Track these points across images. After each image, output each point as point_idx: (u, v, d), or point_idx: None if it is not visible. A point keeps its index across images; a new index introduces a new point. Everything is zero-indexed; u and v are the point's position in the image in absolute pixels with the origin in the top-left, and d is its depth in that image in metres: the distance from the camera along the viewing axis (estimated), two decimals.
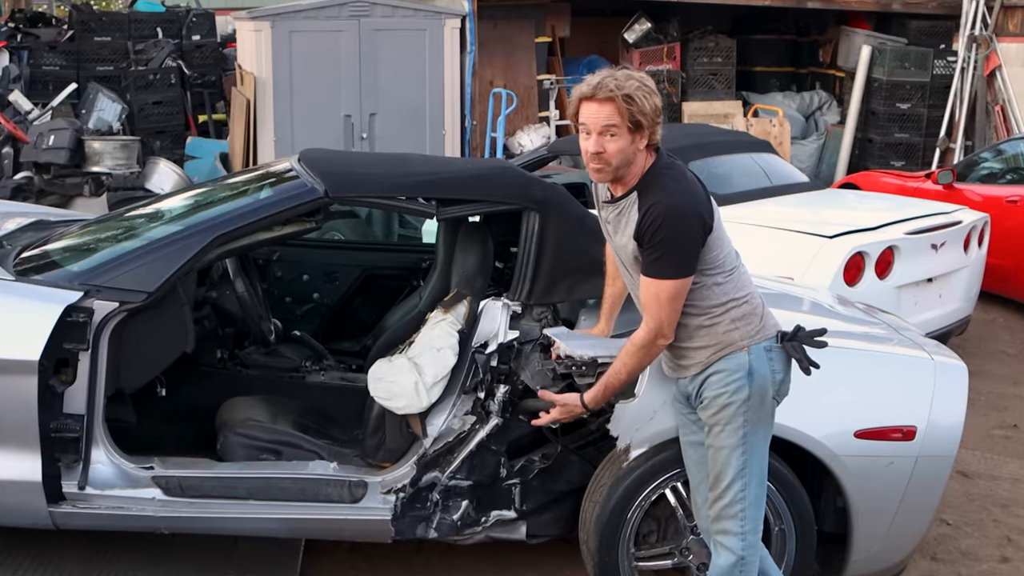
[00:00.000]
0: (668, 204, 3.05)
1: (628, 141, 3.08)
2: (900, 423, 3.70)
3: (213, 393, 4.34)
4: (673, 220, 3.04)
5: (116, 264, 3.74)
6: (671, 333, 3.18)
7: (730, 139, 7.72)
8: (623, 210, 3.18)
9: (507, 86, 11.56)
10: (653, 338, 3.17)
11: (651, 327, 3.16)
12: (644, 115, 3.05)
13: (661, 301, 3.11)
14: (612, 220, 3.24)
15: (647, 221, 3.06)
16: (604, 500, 3.67)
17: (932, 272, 6.46)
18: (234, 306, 4.42)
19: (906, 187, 8.94)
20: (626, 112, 3.04)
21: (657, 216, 3.04)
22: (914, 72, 12.03)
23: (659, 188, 3.09)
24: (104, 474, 3.69)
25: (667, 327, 3.16)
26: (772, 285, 4.58)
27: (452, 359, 3.73)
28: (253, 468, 3.82)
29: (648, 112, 3.06)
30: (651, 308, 3.14)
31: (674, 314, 3.14)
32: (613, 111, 3.05)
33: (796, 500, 3.68)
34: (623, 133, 3.07)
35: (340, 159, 4.43)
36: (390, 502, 3.76)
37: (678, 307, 3.14)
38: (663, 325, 3.15)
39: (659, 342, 3.18)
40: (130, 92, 11.50)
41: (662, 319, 3.13)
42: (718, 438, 3.24)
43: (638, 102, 3.04)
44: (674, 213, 3.04)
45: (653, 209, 3.06)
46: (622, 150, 3.08)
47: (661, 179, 3.12)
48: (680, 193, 3.09)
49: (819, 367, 3.25)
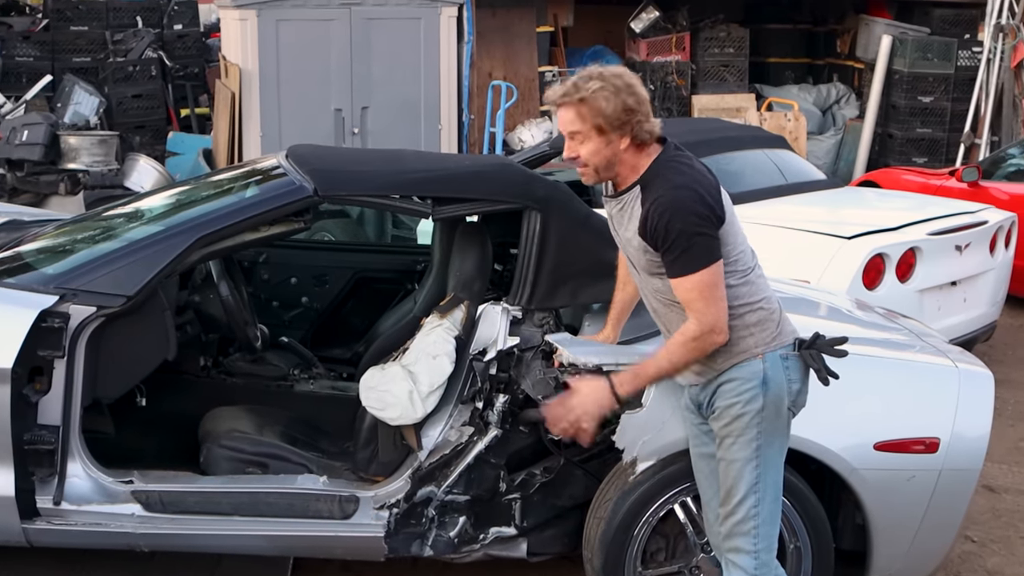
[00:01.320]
0: (670, 198, 3.06)
1: (600, 144, 3.11)
2: (922, 435, 3.71)
3: (196, 403, 4.34)
4: (678, 212, 3.04)
5: (93, 267, 3.75)
6: (725, 327, 3.12)
7: (742, 134, 7.73)
8: (626, 204, 3.19)
9: (507, 78, 11.56)
10: (708, 332, 3.10)
11: (702, 323, 3.10)
12: (605, 117, 3.07)
13: (704, 295, 3.08)
14: (616, 215, 3.26)
15: (652, 221, 3.07)
16: (609, 516, 3.67)
17: (956, 275, 6.46)
18: (218, 311, 4.42)
19: (929, 185, 8.94)
20: (586, 116, 3.08)
21: (662, 213, 3.05)
22: (937, 63, 12.03)
23: (661, 182, 3.10)
24: (81, 488, 3.69)
25: (719, 321, 3.10)
26: (787, 289, 4.58)
27: (449, 367, 3.73)
28: (238, 482, 3.82)
29: (610, 114, 3.07)
30: (696, 306, 3.10)
31: (721, 301, 3.10)
32: (574, 116, 3.11)
33: (812, 516, 3.68)
34: (590, 136, 3.11)
35: (330, 155, 4.43)
36: (383, 518, 3.76)
37: (721, 293, 3.10)
38: (716, 319, 3.10)
39: (714, 338, 3.12)
40: (108, 85, 11.50)
41: (714, 313, 3.09)
42: (730, 450, 3.24)
43: (594, 105, 3.07)
44: (677, 205, 3.05)
45: (656, 206, 3.06)
46: (596, 152, 3.12)
47: (665, 172, 3.12)
48: (682, 184, 3.09)
49: (838, 377, 3.24)
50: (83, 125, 10.55)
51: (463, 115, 11.26)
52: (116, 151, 9.79)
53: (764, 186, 6.91)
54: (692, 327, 3.13)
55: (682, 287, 3.11)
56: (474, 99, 11.37)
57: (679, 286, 3.11)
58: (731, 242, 3.16)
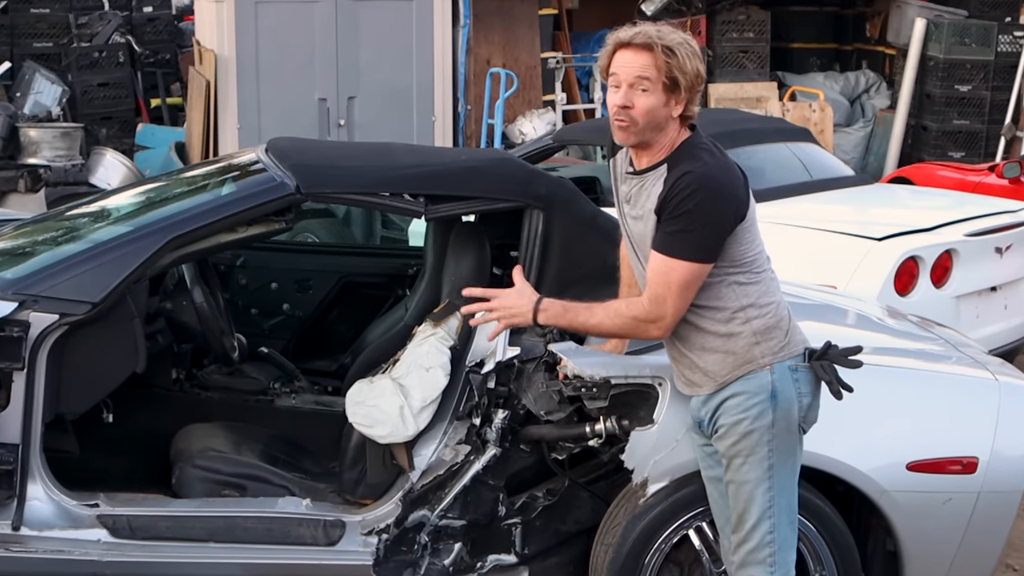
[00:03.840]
0: (703, 175, 3.07)
1: (661, 100, 3.10)
2: (959, 454, 3.71)
3: (167, 419, 4.34)
4: (705, 192, 3.05)
5: (56, 271, 3.75)
6: (669, 326, 3.14)
7: (763, 126, 7.74)
8: (648, 182, 3.19)
9: (506, 65, 11.58)
10: (648, 319, 3.13)
11: (649, 310, 3.13)
12: (684, 74, 3.08)
13: (671, 284, 3.09)
14: (633, 195, 3.24)
15: (676, 188, 3.07)
16: (618, 543, 3.67)
17: (996, 280, 6.47)
18: (192, 319, 4.42)
19: (966, 181, 8.95)
20: (664, 65, 3.07)
21: (688, 184, 3.06)
22: (975, 49, 12.04)
23: (692, 161, 3.12)
24: (42, 512, 3.69)
25: (670, 317, 3.12)
26: (811, 295, 4.59)
27: (443, 380, 3.74)
28: (213, 506, 3.82)
29: (689, 72, 3.08)
30: (656, 288, 3.11)
31: (683, 303, 3.12)
32: (649, 61, 3.08)
33: (839, 542, 3.68)
34: (656, 90, 3.09)
35: (314, 150, 4.44)
36: (371, 545, 3.77)
37: (688, 297, 3.12)
38: (665, 314, 3.12)
39: (651, 330, 3.15)
40: (72, 72, 11.52)
41: (666, 307, 3.11)
42: (739, 472, 3.24)
43: (680, 57, 3.07)
44: (708, 186, 3.06)
45: (685, 178, 3.07)
46: (652, 109, 3.11)
47: (697, 152, 3.14)
48: (717, 168, 3.12)
49: (852, 390, 3.24)
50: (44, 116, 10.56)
51: (459, 105, 11.27)
52: (80, 145, 9.80)
53: (787, 183, 6.91)
54: (640, 307, 3.15)
55: (658, 263, 3.11)
56: (471, 88, 11.38)
57: (655, 260, 3.12)
58: (747, 240, 3.17)
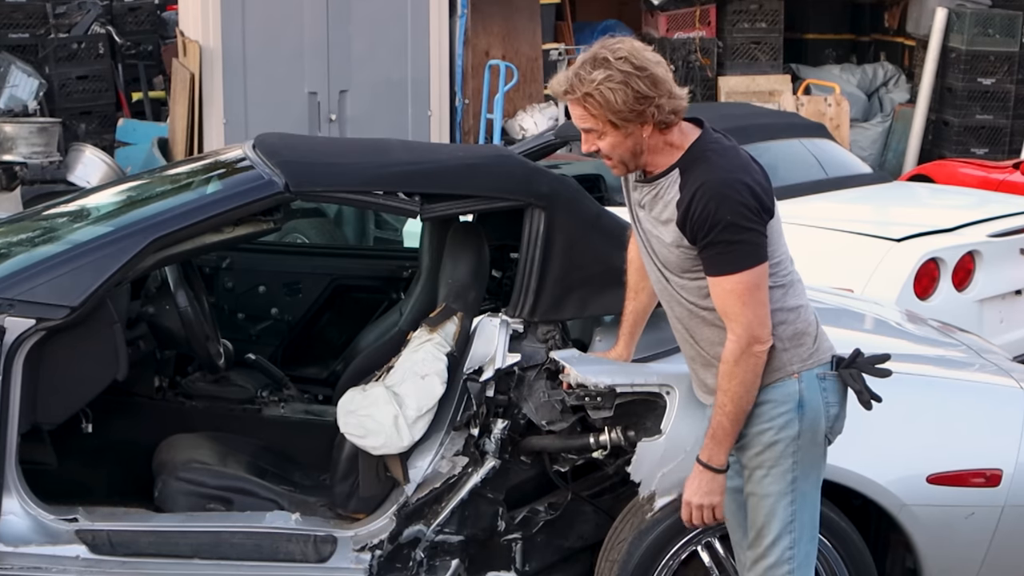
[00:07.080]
0: (717, 183, 3.08)
1: (619, 136, 3.14)
2: (983, 465, 3.72)
3: (150, 429, 4.34)
4: (727, 200, 3.06)
5: (32, 273, 3.75)
6: (767, 333, 3.13)
7: (776, 122, 7.75)
8: (661, 190, 3.20)
9: (506, 57, 11.58)
10: (746, 345, 3.12)
11: (739, 334, 3.12)
12: (615, 112, 3.09)
13: (742, 298, 3.10)
14: (647, 203, 3.26)
15: (697, 208, 3.07)
16: (624, 559, 3.67)
17: (1021, 283, 6.47)
18: (175, 324, 4.42)
19: (990, 179, 8.96)
20: (596, 110, 3.11)
21: (709, 200, 3.06)
22: (999, 40, 12.05)
23: (707, 166, 3.13)
24: (18, 527, 3.69)
25: (759, 326, 3.11)
26: (827, 298, 4.59)
27: (439, 388, 3.74)
28: (198, 520, 3.83)
29: (620, 107, 3.08)
30: (732, 311, 3.12)
31: (762, 307, 3.12)
32: (583, 112, 3.15)
33: (856, 559, 3.69)
34: (607, 130, 3.14)
35: (304, 146, 4.45)
36: (364, 561, 3.77)
37: (763, 298, 3.12)
38: (753, 325, 3.11)
39: (755, 348, 3.13)
40: (49, 64, 11.53)
41: (750, 319, 3.10)
42: (761, 484, 3.25)
43: (601, 99, 3.08)
44: (727, 192, 3.07)
45: (703, 192, 3.08)
46: (616, 145, 3.15)
47: (710, 155, 3.15)
48: (731, 169, 3.12)
49: (880, 400, 3.25)
50: (20, 111, 10.58)
51: (456, 99, 11.27)
52: (58, 141, 9.81)
53: (801, 180, 6.92)
54: (730, 348, 3.14)
55: (721, 287, 3.12)
56: (468, 81, 11.39)
57: (717, 286, 3.13)
58: (775, 241, 3.19)
